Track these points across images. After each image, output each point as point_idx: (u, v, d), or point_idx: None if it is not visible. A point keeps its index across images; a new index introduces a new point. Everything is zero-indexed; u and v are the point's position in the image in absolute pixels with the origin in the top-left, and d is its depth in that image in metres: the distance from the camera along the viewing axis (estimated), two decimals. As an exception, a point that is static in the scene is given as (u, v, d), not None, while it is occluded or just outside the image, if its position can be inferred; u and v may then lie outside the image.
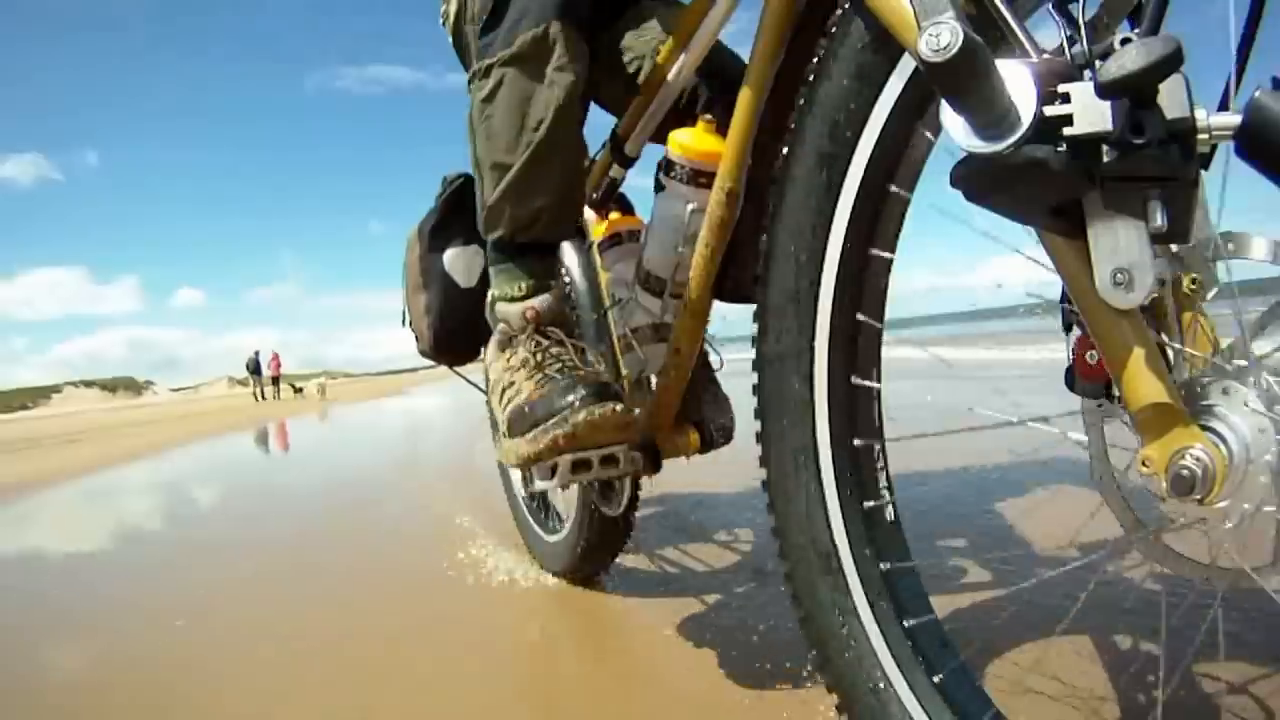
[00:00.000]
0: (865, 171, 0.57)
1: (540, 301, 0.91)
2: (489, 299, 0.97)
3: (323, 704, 1.05)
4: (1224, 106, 0.46)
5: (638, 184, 1.14)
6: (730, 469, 1.61)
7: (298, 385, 25.61)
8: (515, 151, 0.87)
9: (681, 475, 1.40)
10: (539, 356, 0.88)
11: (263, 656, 1.27)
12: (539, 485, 0.95)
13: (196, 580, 1.89)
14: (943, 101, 0.43)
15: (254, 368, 24.75)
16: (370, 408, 11.05)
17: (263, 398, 23.29)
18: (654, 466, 1.02)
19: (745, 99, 0.78)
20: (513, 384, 0.88)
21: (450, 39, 1.11)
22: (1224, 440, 0.44)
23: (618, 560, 1.44)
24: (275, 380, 24.63)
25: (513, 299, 0.91)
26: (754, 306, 0.69)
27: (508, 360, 0.91)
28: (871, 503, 0.63)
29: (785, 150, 0.63)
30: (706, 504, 1.98)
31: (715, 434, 1.06)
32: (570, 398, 0.80)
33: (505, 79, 0.88)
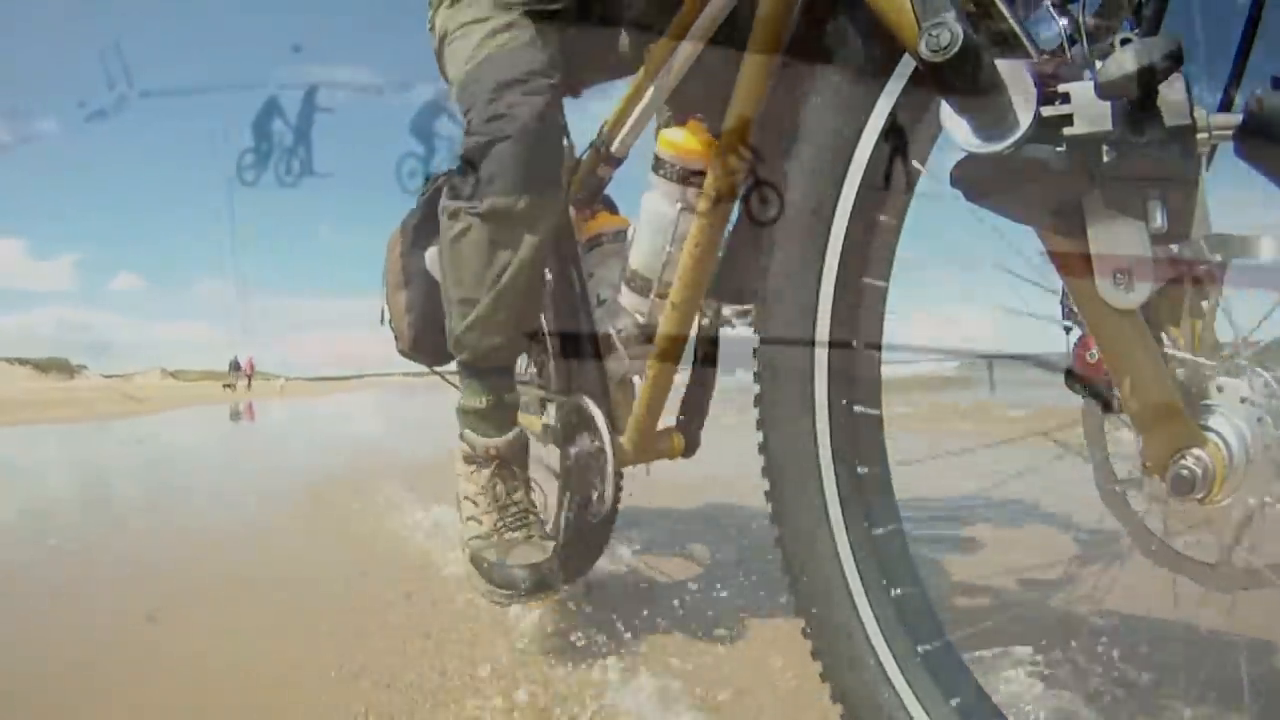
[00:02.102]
0: (867, 167, 0.57)
1: (502, 442, 1.02)
2: (457, 404, 1.06)
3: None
4: (1224, 107, 0.46)
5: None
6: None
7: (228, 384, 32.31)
8: (480, 292, 0.95)
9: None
10: (498, 497, 1.03)
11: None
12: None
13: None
14: (943, 101, 0.43)
15: (235, 366, 32.89)
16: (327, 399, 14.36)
17: (235, 389, 28.94)
18: None
19: (741, 99, 0.77)
20: (476, 506, 1.03)
21: (434, 46, 1.10)
22: (1224, 440, 0.43)
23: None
24: (248, 378, 31.55)
25: (476, 412, 1.02)
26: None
27: (472, 476, 1.04)
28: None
29: (787, 151, 0.63)
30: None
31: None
32: (516, 581, 0.97)
33: (473, 228, 0.93)
